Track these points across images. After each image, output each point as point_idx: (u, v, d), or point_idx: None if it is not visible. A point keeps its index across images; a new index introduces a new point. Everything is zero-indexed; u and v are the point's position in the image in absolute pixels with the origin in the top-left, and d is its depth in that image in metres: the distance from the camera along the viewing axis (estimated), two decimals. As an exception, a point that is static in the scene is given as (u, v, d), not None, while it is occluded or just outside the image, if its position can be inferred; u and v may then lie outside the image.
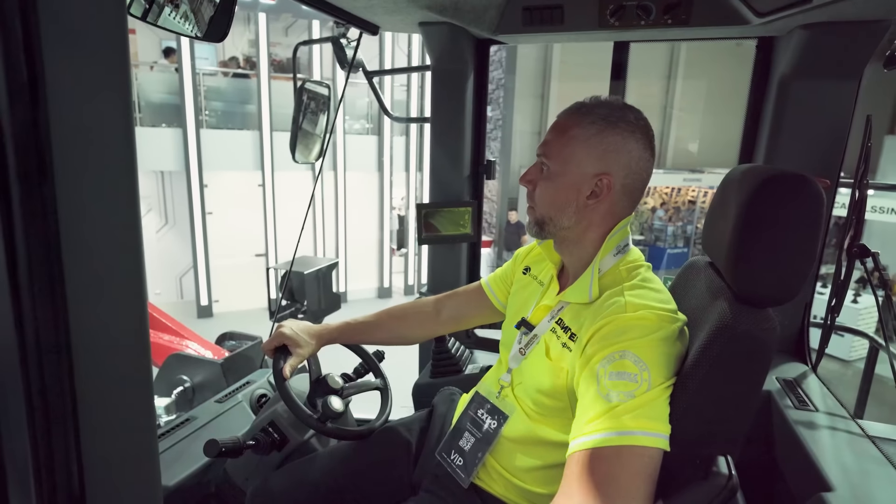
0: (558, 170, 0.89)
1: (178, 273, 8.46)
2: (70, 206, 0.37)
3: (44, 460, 0.40)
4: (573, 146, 0.88)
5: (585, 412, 0.75)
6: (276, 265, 1.93)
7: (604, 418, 0.72)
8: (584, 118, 0.88)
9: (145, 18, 0.89)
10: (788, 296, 0.74)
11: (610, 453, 0.69)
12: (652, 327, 0.78)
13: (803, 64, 1.27)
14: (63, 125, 0.36)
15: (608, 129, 0.87)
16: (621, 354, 0.75)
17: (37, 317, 0.37)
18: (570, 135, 0.88)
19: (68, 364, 0.39)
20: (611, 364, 0.75)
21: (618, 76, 1.71)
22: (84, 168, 0.38)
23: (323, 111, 1.73)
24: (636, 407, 0.72)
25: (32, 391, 0.38)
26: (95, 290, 0.40)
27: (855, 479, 0.87)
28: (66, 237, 0.37)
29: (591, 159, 0.87)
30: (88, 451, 0.42)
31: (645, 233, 10.87)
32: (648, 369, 0.74)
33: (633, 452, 0.69)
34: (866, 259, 1.22)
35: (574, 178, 0.89)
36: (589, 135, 0.87)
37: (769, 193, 0.74)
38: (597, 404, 0.74)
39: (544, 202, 0.92)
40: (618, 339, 0.77)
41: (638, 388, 0.73)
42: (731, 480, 0.69)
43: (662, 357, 0.76)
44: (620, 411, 0.71)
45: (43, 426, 0.39)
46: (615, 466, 0.68)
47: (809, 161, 1.32)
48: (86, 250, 0.39)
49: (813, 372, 1.37)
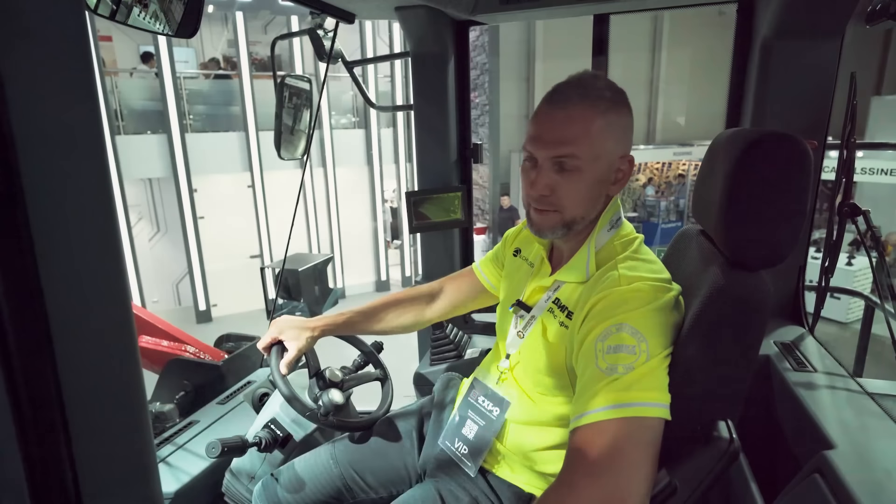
0: (589, 165, 0.82)
1: (175, 280, 8.43)
2: (43, 215, 0.36)
3: (38, 468, 0.39)
4: (603, 137, 0.82)
5: (586, 388, 0.75)
6: (270, 264, 1.91)
7: (605, 392, 0.72)
8: (594, 103, 0.81)
9: (114, 18, 0.86)
10: (780, 256, 0.74)
11: (613, 427, 0.69)
12: (647, 298, 0.78)
13: (785, 24, 1.26)
14: (26, 125, 0.35)
15: (619, 109, 0.83)
16: (618, 328, 0.75)
17: (14, 323, 0.36)
18: (594, 126, 0.81)
19: (53, 369, 0.39)
20: (608, 338, 0.75)
21: (600, 51, 1.69)
22: (52, 167, 0.37)
23: (306, 106, 1.71)
24: (636, 379, 0.71)
25: (20, 399, 0.38)
26: (76, 293, 0.40)
27: (855, 435, 0.88)
28: (40, 238, 0.36)
29: (617, 145, 0.84)
30: (81, 458, 0.41)
31: (638, 209, 10.88)
32: (646, 340, 0.74)
33: (635, 424, 0.69)
34: (857, 218, 1.22)
35: (604, 168, 0.84)
36: (608, 119, 0.82)
37: (755, 155, 0.73)
38: (597, 379, 0.74)
39: (575, 202, 0.85)
40: (613, 312, 0.77)
41: (637, 359, 0.73)
42: (732, 444, 0.70)
43: (659, 327, 0.76)
44: (620, 385, 0.71)
45: (32, 433, 0.38)
46: (619, 439, 0.68)
47: (796, 122, 1.32)
48: (62, 250, 0.38)
49: (810, 334, 1.38)
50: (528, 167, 0.87)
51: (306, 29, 1.61)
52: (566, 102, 0.82)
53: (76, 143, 0.39)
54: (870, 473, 0.75)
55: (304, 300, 2.07)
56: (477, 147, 1.78)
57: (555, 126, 0.82)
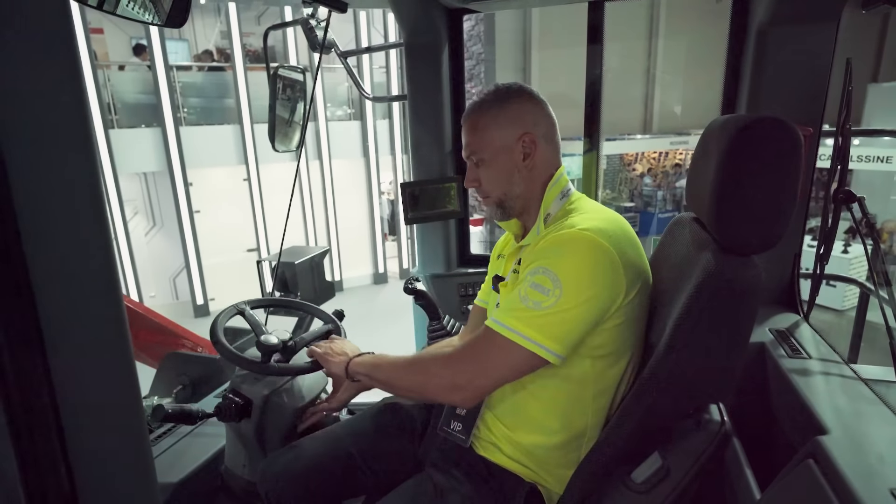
0: (488, 155, 1.01)
1: (171, 274, 8.41)
2: (31, 208, 0.36)
3: (31, 463, 0.39)
4: (488, 131, 1.00)
5: (505, 303, 0.93)
6: (266, 257, 1.91)
7: (511, 313, 0.87)
8: (481, 108, 1.01)
9: (101, 7, 0.85)
10: (771, 241, 0.74)
11: (498, 339, 0.87)
12: (578, 245, 0.87)
13: (780, 10, 1.25)
14: (10, 118, 0.34)
15: (504, 104, 1.00)
16: (544, 270, 0.87)
17: (3, 318, 0.36)
18: (481, 125, 1.01)
19: (44, 363, 0.38)
20: (534, 275, 0.88)
21: (594, 39, 1.67)
22: (38, 159, 0.37)
23: (300, 97, 1.70)
24: (537, 317, 0.85)
25: (11, 395, 0.37)
26: (65, 286, 0.39)
27: (849, 420, 0.89)
28: (27, 231, 0.36)
29: (506, 130, 1.00)
30: (75, 451, 0.41)
31: (635, 199, 10.88)
32: (562, 288, 0.85)
33: (514, 348, 0.86)
34: (852, 205, 1.22)
35: (503, 152, 1.01)
36: (492, 115, 1.00)
37: (747, 139, 0.73)
38: (513, 301, 0.89)
39: (493, 185, 1.03)
40: (547, 254, 0.89)
41: (545, 301, 0.85)
42: (723, 426, 0.70)
43: (581, 276, 0.86)
44: (524, 315, 0.86)
45: (25, 428, 0.38)
46: (498, 352, 0.87)
47: (791, 109, 1.31)
48: (50, 243, 0.38)
49: (805, 321, 1.38)
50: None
51: (299, 19, 1.60)
52: (467, 115, 1.04)
53: (63, 135, 0.38)
54: (863, 458, 0.76)
55: (301, 293, 2.06)
56: (472, 137, 1.77)
57: (464, 135, 1.04)
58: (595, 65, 1.69)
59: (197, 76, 8.14)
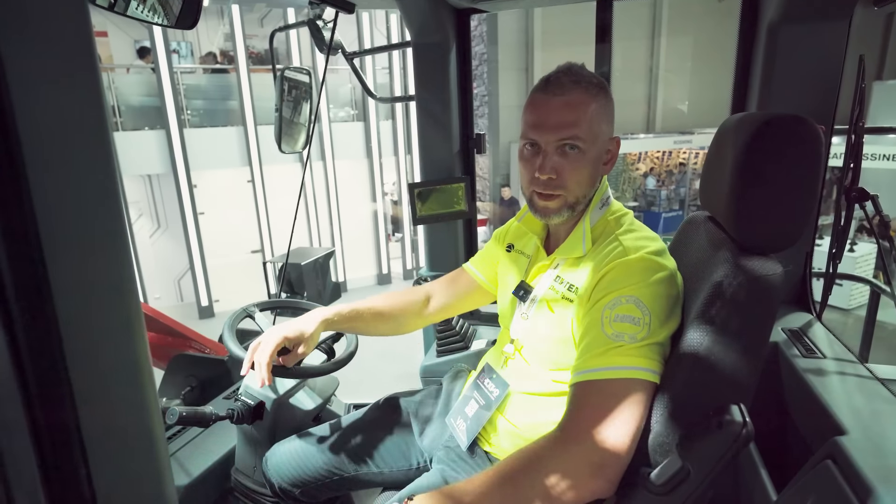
0: (589, 146, 0.88)
1: (176, 276, 8.43)
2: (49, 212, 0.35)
3: (52, 468, 0.39)
4: (598, 120, 0.88)
5: (590, 348, 0.82)
6: (272, 259, 1.90)
7: (609, 356, 0.79)
8: (588, 91, 0.86)
9: (112, 9, 0.85)
10: (791, 240, 0.74)
11: (612, 387, 0.78)
12: (651, 272, 0.83)
13: (791, 7, 1.24)
14: (31, 121, 0.34)
15: (606, 94, 0.89)
16: (627, 299, 0.81)
17: (24, 322, 0.36)
18: (591, 110, 0.86)
19: (64, 368, 0.38)
20: (617, 307, 0.81)
21: (603, 38, 1.66)
22: (57, 163, 0.36)
23: (305, 98, 1.69)
24: (638, 348, 0.79)
25: (32, 400, 0.37)
26: (84, 291, 0.39)
27: (867, 420, 0.88)
28: (47, 235, 0.36)
29: (608, 126, 0.90)
30: (95, 456, 0.41)
31: (639, 199, 10.86)
32: (650, 314, 0.80)
33: (632, 385, 0.77)
34: (865, 203, 1.20)
35: (600, 150, 0.91)
36: (601, 104, 0.88)
37: (766, 137, 0.72)
38: (602, 343, 0.80)
39: (580, 184, 0.90)
40: (622, 283, 0.82)
41: (640, 331, 0.79)
42: (745, 428, 0.69)
43: (662, 300, 0.82)
44: (624, 351, 0.79)
45: (45, 433, 0.38)
46: (619, 397, 0.77)
47: (803, 106, 1.30)
48: (69, 247, 0.37)
49: (818, 320, 1.37)
50: (530, 154, 0.91)
51: (306, 20, 1.59)
52: (562, 89, 0.86)
53: (82, 138, 0.38)
54: (883, 459, 0.75)
55: (308, 294, 2.06)
56: (480, 137, 1.76)
57: (556, 111, 0.86)
58: (603, 64, 1.68)
59: (201, 78, 8.16)
